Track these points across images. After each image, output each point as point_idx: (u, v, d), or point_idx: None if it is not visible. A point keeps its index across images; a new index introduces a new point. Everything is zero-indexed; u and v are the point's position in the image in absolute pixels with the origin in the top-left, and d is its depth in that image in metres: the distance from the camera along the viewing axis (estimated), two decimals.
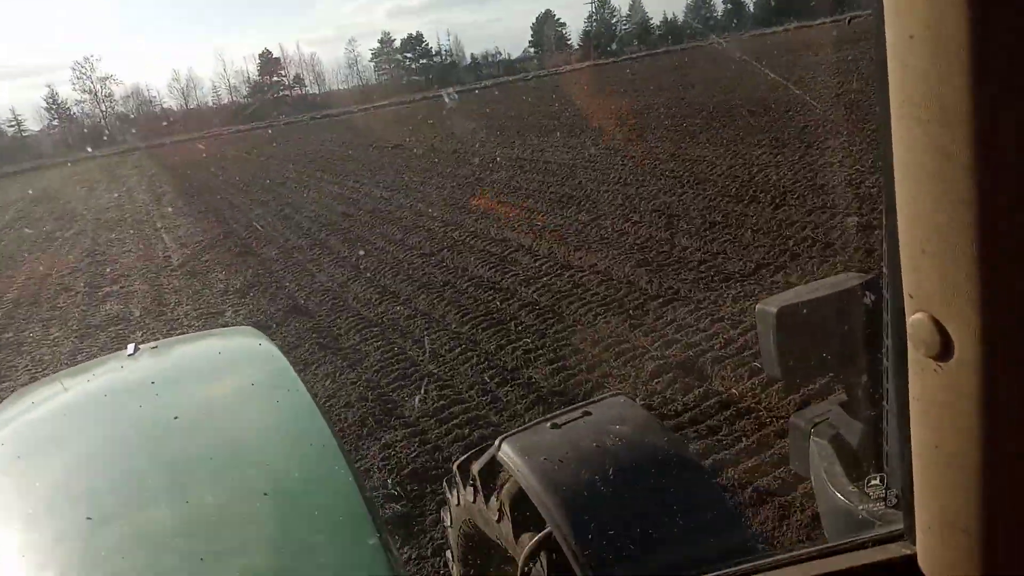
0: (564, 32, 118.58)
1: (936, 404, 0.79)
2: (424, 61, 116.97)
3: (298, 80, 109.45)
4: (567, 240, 10.23)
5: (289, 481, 1.58)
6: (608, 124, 22.21)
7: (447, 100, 53.15)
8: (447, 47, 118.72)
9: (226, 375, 2.28)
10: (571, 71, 66.92)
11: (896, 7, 0.70)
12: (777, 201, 10.22)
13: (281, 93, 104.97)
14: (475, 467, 2.06)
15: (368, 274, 10.53)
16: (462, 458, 2.21)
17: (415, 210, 14.46)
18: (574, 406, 2.01)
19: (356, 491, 1.46)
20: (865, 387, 1.38)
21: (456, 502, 2.26)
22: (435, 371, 6.74)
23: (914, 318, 0.77)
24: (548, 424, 1.92)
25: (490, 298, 8.41)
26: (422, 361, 7.01)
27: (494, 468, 1.98)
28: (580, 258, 9.28)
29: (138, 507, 1.54)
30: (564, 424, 1.90)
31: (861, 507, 1.41)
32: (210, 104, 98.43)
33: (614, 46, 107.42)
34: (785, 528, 3.95)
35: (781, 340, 1.41)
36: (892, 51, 0.72)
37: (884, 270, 0.95)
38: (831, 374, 1.53)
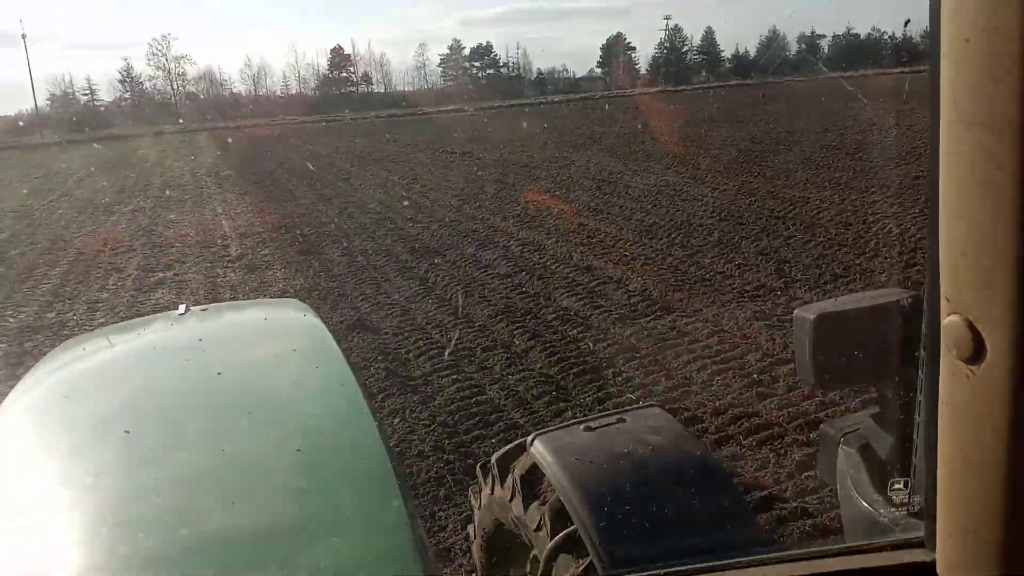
0: (633, 56, 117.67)
1: (965, 409, 0.79)
2: (491, 71, 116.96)
3: (366, 78, 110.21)
4: (662, 277, 9.18)
5: (321, 440, 1.65)
6: (690, 153, 21.10)
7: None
8: (515, 59, 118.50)
9: (270, 340, 2.34)
10: (640, 95, 65.83)
11: (953, 9, 0.70)
12: (906, 259, 9.05)
13: (348, 89, 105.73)
14: (506, 460, 2.08)
15: (438, 291, 9.61)
16: (500, 452, 2.20)
17: (488, 223, 13.54)
18: (609, 412, 2.02)
19: (385, 456, 1.48)
20: (898, 398, 1.35)
21: (479, 504, 2.30)
22: (521, 421, 5.75)
23: (948, 320, 0.77)
24: (582, 427, 1.93)
25: (580, 335, 7.41)
26: (505, 407, 6.03)
27: (525, 463, 1.99)
28: (681, 300, 8.23)
29: (176, 450, 1.61)
30: (598, 428, 1.90)
31: (883, 513, 1.38)
32: (278, 93, 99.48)
33: (680, 74, 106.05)
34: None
35: (817, 347, 1.36)
36: (946, 54, 0.72)
37: (926, 278, 0.87)
38: (865, 384, 1.62)
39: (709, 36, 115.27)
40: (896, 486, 1.37)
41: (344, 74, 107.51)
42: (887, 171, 15.47)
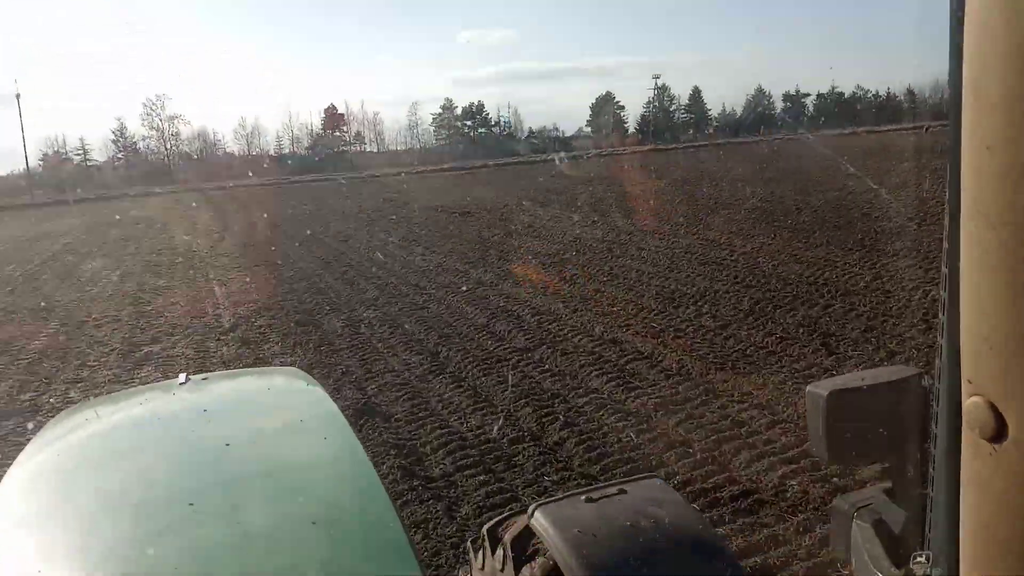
0: (622, 115, 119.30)
1: (989, 486, 0.80)
2: (483, 130, 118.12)
3: (359, 137, 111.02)
4: (698, 352, 8.39)
5: (336, 512, 1.64)
6: (698, 213, 20.56)
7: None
8: (507, 119, 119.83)
9: (274, 410, 2.34)
10: (632, 153, 66.00)
11: (974, 119, 0.72)
12: None
13: (341, 148, 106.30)
14: (506, 534, 2.01)
15: (451, 368, 8.78)
16: (491, 522, 2.12)
17: (499, 290, 12.78)
18: (609, 483, 1.99)
19: (399, 526, 1.50)
20: (911, 472, 1.37)
21: (480, 566, 2.17)
22: None
23: (970, 401, 0.79)
24: (583, 497, 1.90)
25: (621, 424, 6.57)
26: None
27: (524, 535, 1.95)
28: (725, 381, 7.42)
29: (191, 523, 1.57)
30: (599, 499, 1.88)
31: None
32: (271, 152, 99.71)
33: (668, 134, 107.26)
34: None
35: (829, 423, 1.38)
36: (967, 161, 0.74)
37: (939, 359, 0.90)
38: (877, 459, 1.48)
39: (696, 95, 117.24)
40: (919, 559, 1.29)
41: (337, 133, 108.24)
42: (907, 232, 14.89)
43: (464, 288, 13.17)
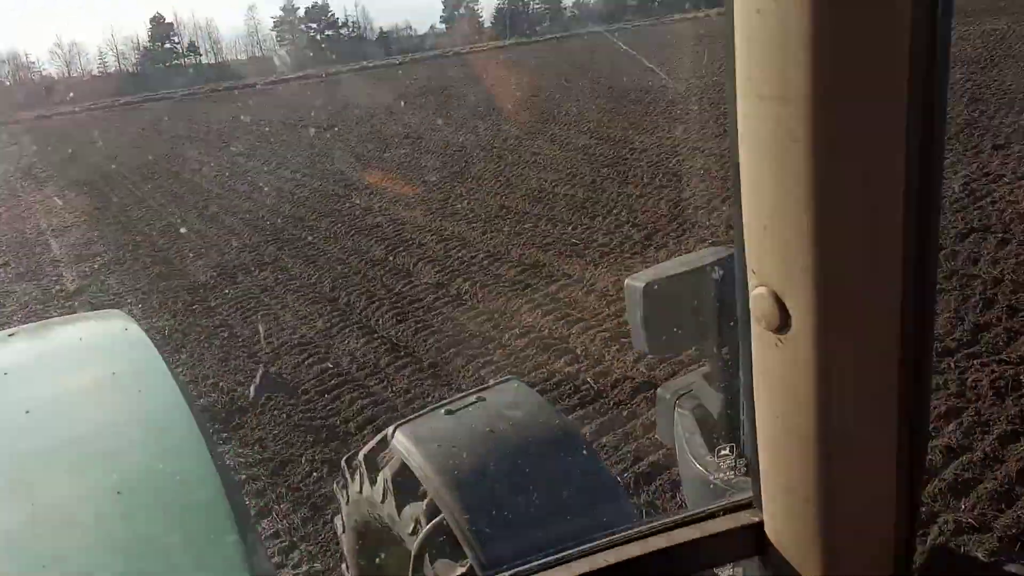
0: (476, 8, 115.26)
1: (777, 376, 0.82)
2: (330, 32, 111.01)
3: (192, 48, 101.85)
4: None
5: (145, 478, 1.51)
6: (583, 109, 19.56)
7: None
8: (354, 18, 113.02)
9: (87, 364, 2.18)
10: (493, 49, 63.55)
11: None
12: None
13: (174, 62, 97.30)
14: (365, 456, 2.01)
15: (356, 318, 7.56)
16: (354, 452, 2.12)
17: (390, 216, 11.42)
18: (468, 391, 1.99)
19: (219, 486, 1.37)
20: (723, 359, 1.40)
21: (347, 499, 2.18)
22: None
23: (756, 292, 0.79)
24: (443, 410, 1.89)
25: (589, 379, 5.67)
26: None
27: (387, 457, 1.93)
28: None
29: None
30: (458, 410, 1.87)
31: (716, 476, 1.43)
32: (95, 73, 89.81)
33: (525, 28, 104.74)
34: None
35: (647, 314, 1.37)
36: (739, 26, 0.71)
37: (735, 249, 0.87)
38: (695, 347, 1.50)
39: None
40: (723, 451, 1.40)
41: (168, 45, 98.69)
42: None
43: (350, 217, 11.72)
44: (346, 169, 15.81)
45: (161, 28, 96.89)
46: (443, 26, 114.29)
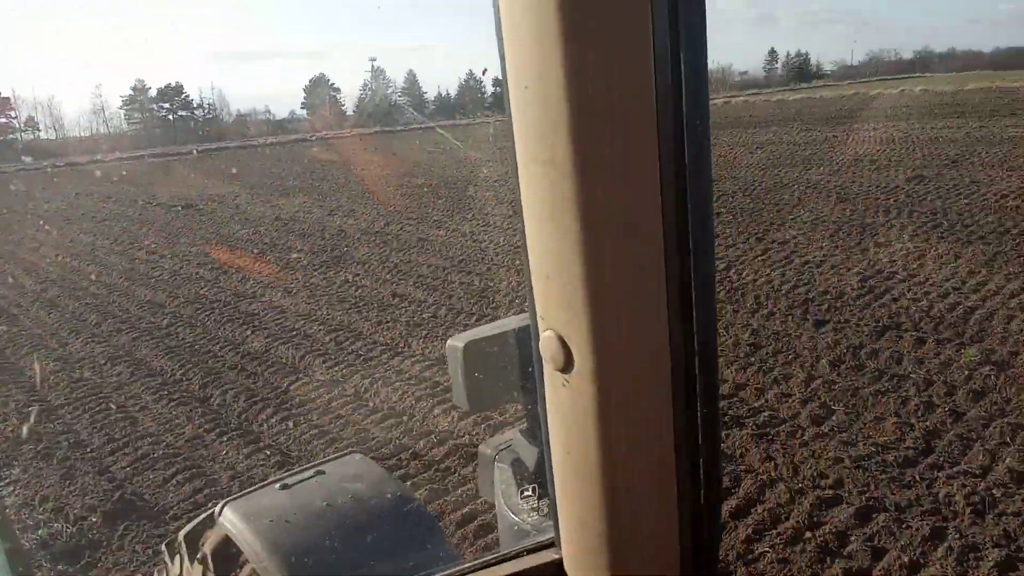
0: (338, 97, 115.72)
1: (566, 414, 0.87)
2: (184, 113, 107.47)
3: (31, 123, 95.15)
4: None
5: None
6: (458, 199, 19.22)
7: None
8: (210, 100, 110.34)
9: None
10: (355, 137, 63.11)
11: (513, 61, 0.77)
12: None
13: (10, 136, 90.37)
14: (195, 535, 1.94)
15: (235, 422, 6.44)
16: (189, 526, 2.00)
17: (268, 303, 10.30)
18: (307, 465, 1.92)
19: None
20: (533, 411, 1.41)
21: (177, 572, 2.05)
22: None
23: (544, 336, 0.85)
24: (277, 485, 1.82)
25: None
26: None
27: (215, 537, 1.86)
28: None
29: None
30: (295, 484, 1.81)
31: (526, 520, 1.48)
32: None
33: (386, 117, 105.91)
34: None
35: (468, 373, 1.43)
36: (513, 100, 0.79)
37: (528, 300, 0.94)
38: (511, 401, 1.52)
39: (411, 78, 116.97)
40: (526, 493, 1.44)
41: (3, 119, 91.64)
42: None
43: (220, 304, 10.49)
44: (213, 251, 14.46)
45: None
46: (304, 111, 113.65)
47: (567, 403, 0.85)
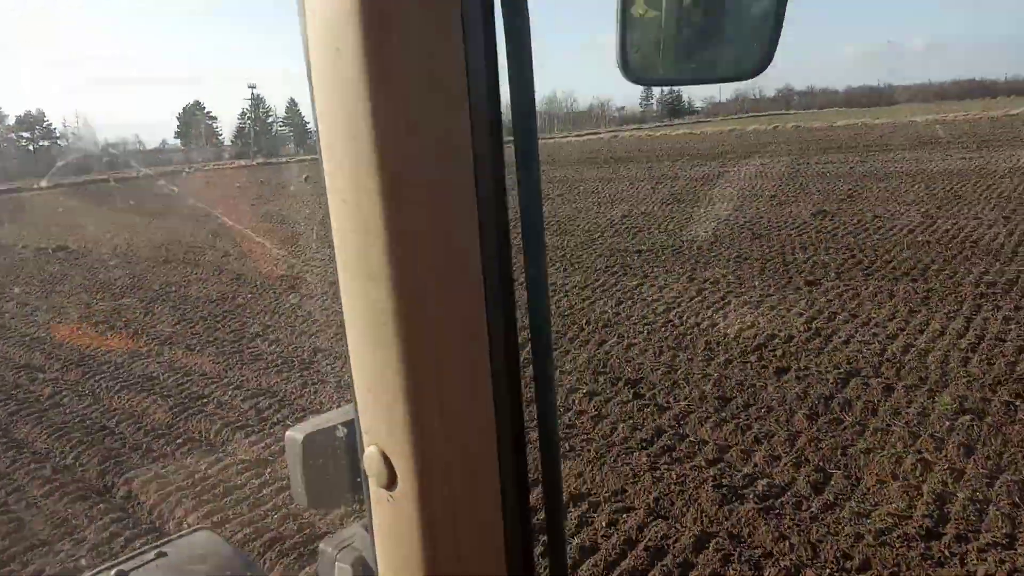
0: (215, 126, 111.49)
1: (390, 533, 0.84)
2: (46, 143, 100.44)
3: None
4: None
5: None
6: None
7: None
8: (74, 129, 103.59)
9: None
10: (238, 168, 60.57)
11: (331, 172, 0.75)
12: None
13: None
14: None
15: (145, 517, 5.42)
16: None
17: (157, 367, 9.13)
18: (148, 547, 1.72)
19: None
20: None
21: None
22: None
23: (368, 451, 0.82)
24: (113, 572, 1.63)
25: None
26: None
27: None
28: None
29: None
30: (132, 571, 1.62)
31: None
32: None
33: (266, 147, 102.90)
34: None
35: (307, 467, 1.33)
36: (334, 213, 0.77)
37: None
38: (351, 500, 1.41)
39: (293, 106, 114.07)
40: None
41: None
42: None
43: (109, 366, 9.22)
44: (90, 300, 12.96)
45: None
46: (177, 141, 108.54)
47: (391, 520, 0.83)
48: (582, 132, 75.17)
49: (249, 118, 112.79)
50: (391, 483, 0.79)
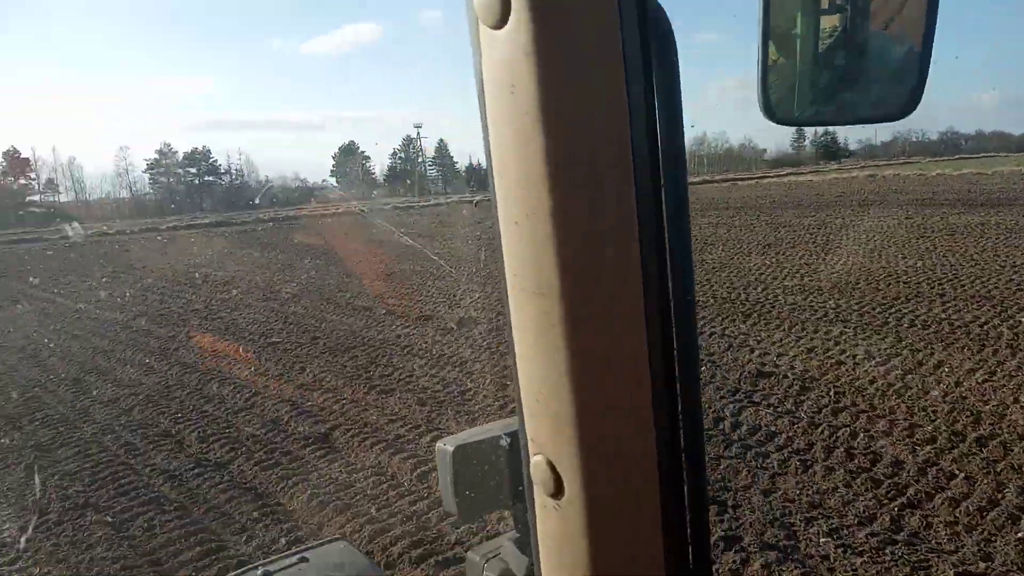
0: (368, 165, 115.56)
1: (556, 540, 0.85)
2: (211, 178, 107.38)
3: (51, 185, 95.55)
4: None
5: None
6: None
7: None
8: (238, 166, 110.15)
9: None
10: (391, 208, 61.54)
11: (503, 196, 0.78)
12: None
13: (28, 199, 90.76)
14: None
15: None
16: None
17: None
18: (291, 551, 1.80)
19: None
20: (525, 520, 1.37)
21: None
22: None
23: (534, 460, 0.83)
24: (260, 572, 1.72)
25: None
26: None
27: None
28: None
29: None
30: (278, 571, 1.71)
31: None
32: None
33: (415, 186, 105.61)
34: None
35: (457, 477, 1.36)
36: (502, 234, 0.80)
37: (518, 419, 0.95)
38: (502, 508, 1.44)
39: (442, 148, 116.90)
40: None
41: (24, 181, 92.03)
42: None
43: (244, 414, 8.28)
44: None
45: (16, 163, 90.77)
46: (333, 179, 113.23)
47: (557, 529, 0.84)
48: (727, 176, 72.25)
49: (400, 157, 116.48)
50: (558, 491, 0.80)
